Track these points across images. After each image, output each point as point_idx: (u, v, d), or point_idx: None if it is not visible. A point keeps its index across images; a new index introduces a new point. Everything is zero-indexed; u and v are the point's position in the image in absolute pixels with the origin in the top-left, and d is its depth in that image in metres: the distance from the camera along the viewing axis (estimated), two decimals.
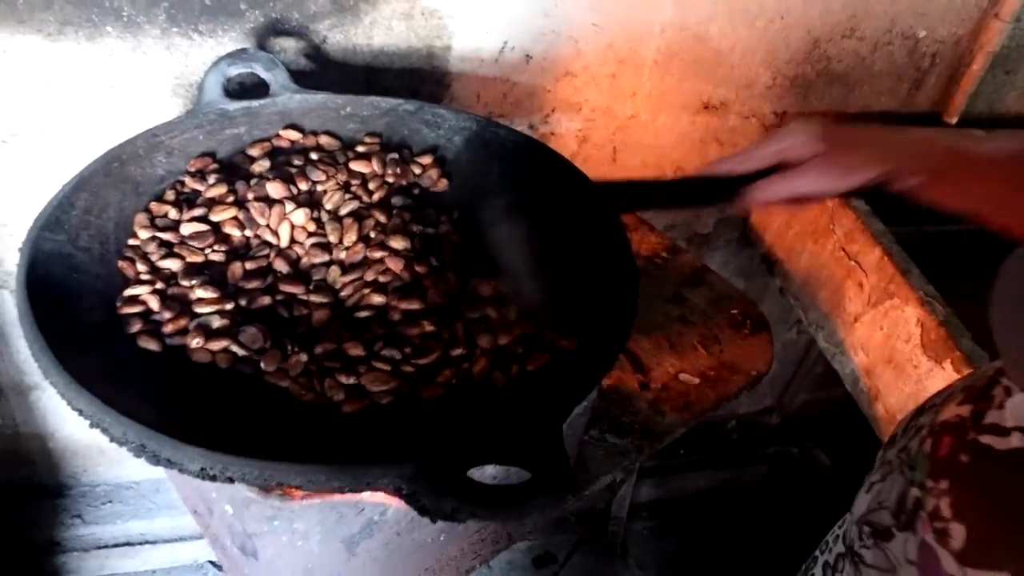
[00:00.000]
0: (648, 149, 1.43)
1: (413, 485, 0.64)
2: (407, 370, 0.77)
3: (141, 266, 0.83)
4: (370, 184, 0.96)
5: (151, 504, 1.64)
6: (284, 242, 0.88)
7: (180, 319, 0.79)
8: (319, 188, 0.94)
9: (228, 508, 0.86)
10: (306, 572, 0.89)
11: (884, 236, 1.24)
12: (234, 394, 0.75)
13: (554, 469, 0.65)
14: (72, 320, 0.75)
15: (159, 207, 0.90)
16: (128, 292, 0.81)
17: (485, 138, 1.01)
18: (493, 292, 0.85)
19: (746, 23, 1.31)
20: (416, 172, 1.00)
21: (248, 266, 0.85)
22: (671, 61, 1.32)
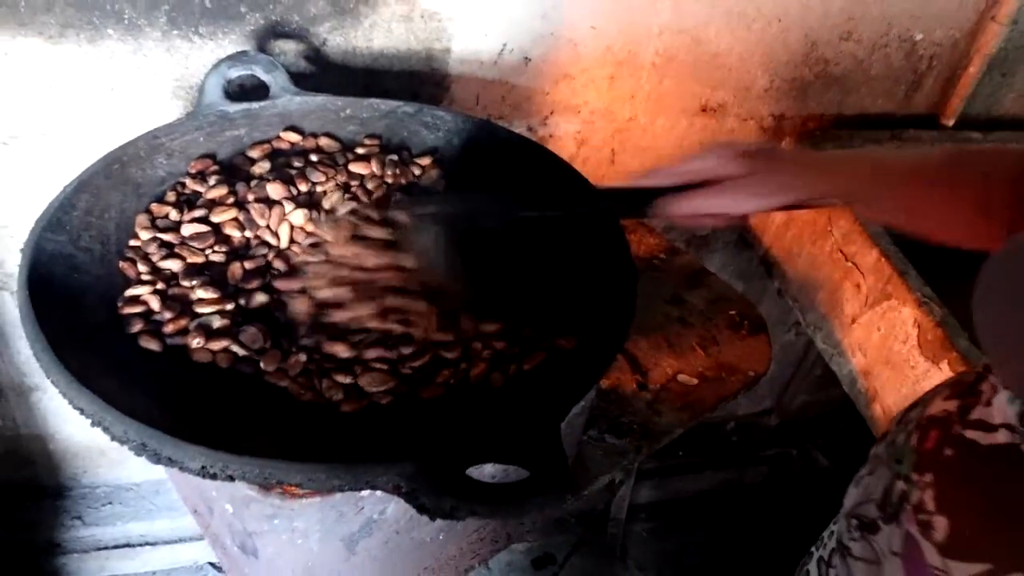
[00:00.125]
0: (646, 151, 1.43)
1: (412, 483, 0.64)
2: (405, 371, 0.78)
3: (142, 266, 0.83)
4: (369, 185, 0.97)
5: (151, 506, 1.64)
6: (284, 243, 0.88)
7: (181, 319, 0.79)
8: (319, 189, 0.95)
9: (228, 507, 0.86)
10: (306, 570, 0.89)
11: (881, 237, 1.25)
12: (234, 393, 0.76)
13: (552, 468, 0.65)
14: (73, 320, 0.76)
15: (160, 208, 0.90)
16: (129, 292, 0.81)
17: (484, 140, 1.02)
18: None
19: (744, 26, 1.31)
20: (416, 173, 1.00)
21: (247, 266, 0.85)
22: (669, 64, 1.33)
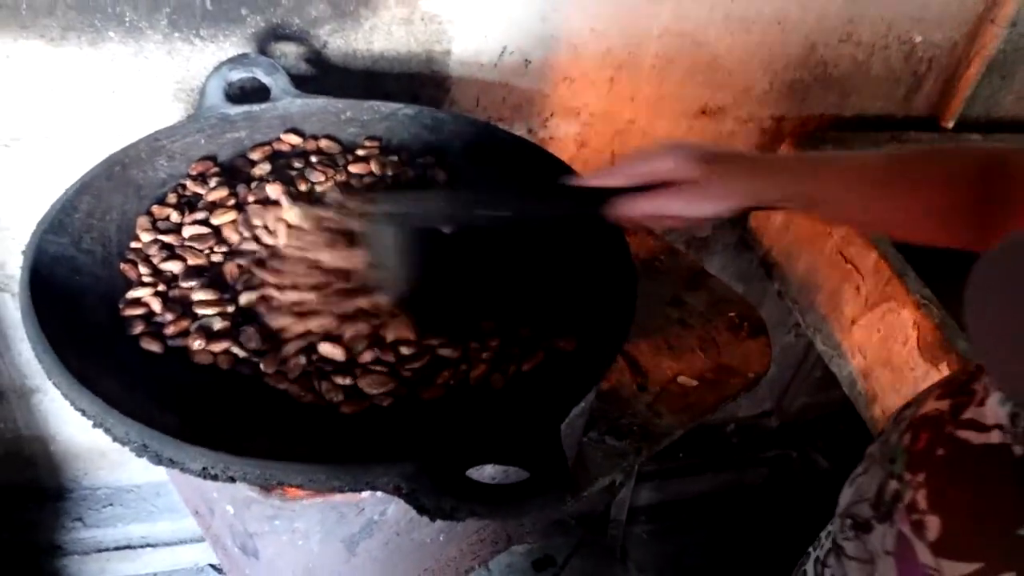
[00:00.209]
0: None
1: (413, 484, 0.64)
2: (405, 373, 0.78)
3: (143, 268, 0.84)
4: (366, 182, 0.97)
5: (152, 507, 1.64)
6: (281, 241, 0.89)
7: (182, 321, 0.80)
8: (318, 190, 0.95)
9: (229, 508, 0.86)
10: (307, 572, 0.89)
11: (880, 240, 1.25)
12: (236, 395, 0.76)
13: (552, 469, 0.66)
14: (75, 322, 0.76)
15: (161, 210, 0.91)
16: (130, 294, 0.81)
17: (484, 142, 1.02)
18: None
19: (743, 28, 1.31)
20: (417, 175, 1.00)
21: (242, 263, 0.86)
22: (669, 66, 1.33)
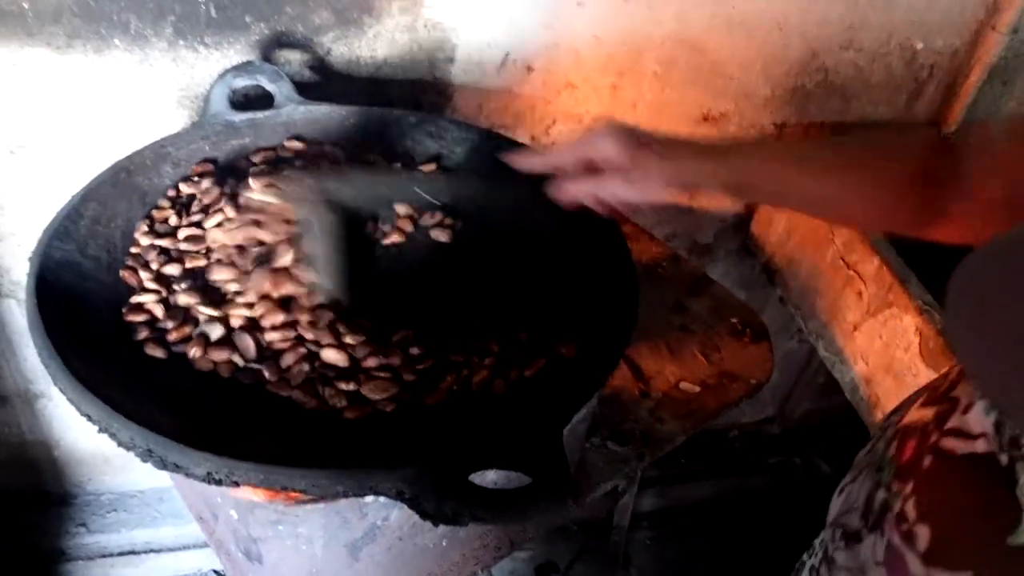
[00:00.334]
0: None
1: (415, 489, 0.65)
2: (408, 378, 0.78)
3: (143, 274, 0.84)
4: None
5: (155, 513, 1.65)
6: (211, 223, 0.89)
7: (184, 327, 0.80)
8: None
9: (233, 513, 0.86)
10: None
11: (882, 246, 1.25)
12: (240, 400, 0.76)
13: (555, 474, 0.66)
14: (80, 327, 0.76)
15: (158, 214, 0.91)
16: (133, 300, 0.82)
17: (487, 149, 1.03)
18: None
19: (745, 35, 1.32)
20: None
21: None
22: (671, 73, 1.34)
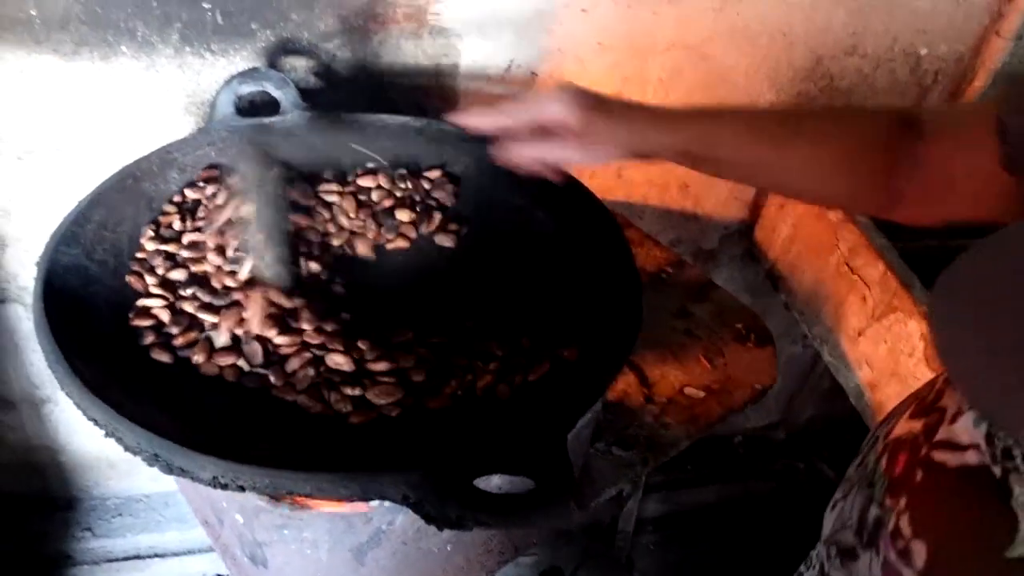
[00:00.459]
0: (653, 166, 1.44)
1: (420, 493, 0.65)
2: (416, 379, 0.79)
3: (149, 279, 0.85)
4: (375, 196, 0.98)
5: (160, 517, 1.65)
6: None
7: (190, 332, 0.80)
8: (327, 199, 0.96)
9: (239, 517, 0.87)
10: None
11: (887, 251, 1.25)
12: (245, 404, 0.76)
13: (559, 479, 0.66)
14: (87, 332, 0.77)
15: (165, 219, 0.91)
16: (139, 304, 0.82)
17: (491, 155, 1.03)
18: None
19: (749, 41, 1.32)
20: (425, 187, 1.01)
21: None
22: (675, 79, 1.34)
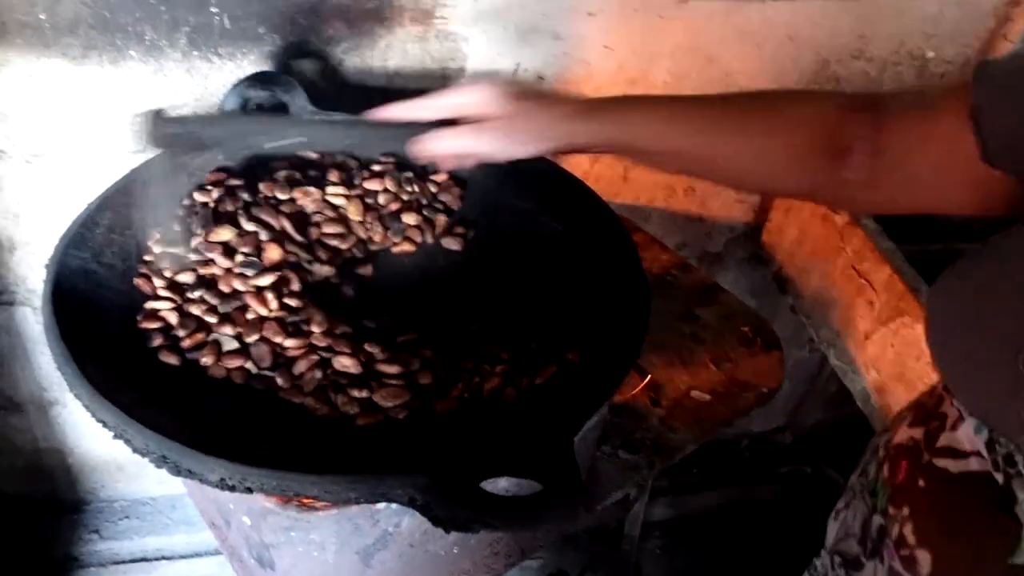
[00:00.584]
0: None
1: (427, 496, 0.65)
2: (423, 382, 0.79)
3: (157, 281, 0.85)
4: (381, 199, 0.98)
5: (168, 520, 1.65)
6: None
7: (197, 334, 0.80)
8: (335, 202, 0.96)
9: (246, 519, 0.87)
10: None
11: (894, 254, 1.25)
12: (253, 406, 0.77)
13: (566, 481, 0.66)
14: (96, 334, 0.77)
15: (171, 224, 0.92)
16: (147, 307, 0.82)
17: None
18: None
19: (755, 44, 1.32)
20: (432, 190, 1.02)
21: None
22: (681, 82, 1.34)
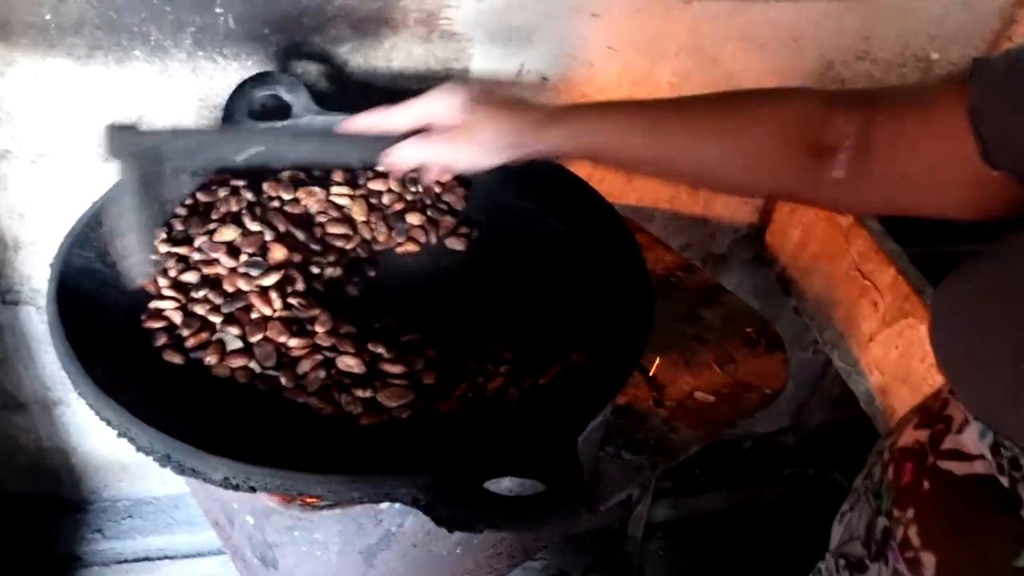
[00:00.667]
0: None
1: (430, 496, 0.65)
2: (426, 382, 0.79)
3: (162, 280, 0.85)
4: (385, 199, 0.98)
5: (170, 520, 1.66)
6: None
7: (201, 333, 0.81)
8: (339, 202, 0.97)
9: (249, 519, 0.87)
10: None
11: (898, 256, 1.25)
12: (257, 406, 0.77)
13: (569, 482, 0.66)
14: (100, 333, 0.77)
15: (176, 222, 0.92)
16: (151, 306, 0.83)
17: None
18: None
19: (759, 45, 1.32)
20: (436, 190, 1.02)
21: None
22: (685, 84, 1.34)
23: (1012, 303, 0.58)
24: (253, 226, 0.90)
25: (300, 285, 0.86)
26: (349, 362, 0.79)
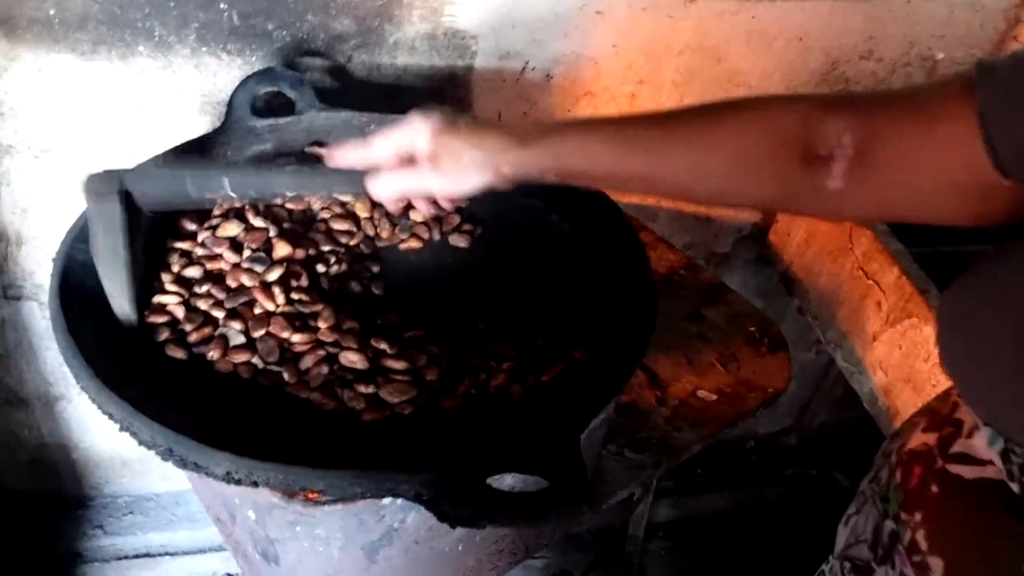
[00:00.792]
0: None
1: (433, 492, 0.65)
2: (429, 378, 0.79)
3: (165, 276, 0.85)
4: None
5: (171, 516, 1.65)
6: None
7: (204, 328, 0.81)
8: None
9: (251, 514, 0.87)
10: None
11: (902, 256, 1.25)
12: (260, 401, 0.77)
13: (572, 479, 0.66)
14: (102, 328, 0.77)
15: (179, 219, 0.92)
16: (154, 301, 0.83)
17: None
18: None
19: (764, 44, 1.32)
20: None
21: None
22: (690, 82, 1.34)
23: (1020, 308, 0.58)
24: (257, 222, 0.90)
25: (303, 281, 0.86)
26: (352, 358, 0.79)
